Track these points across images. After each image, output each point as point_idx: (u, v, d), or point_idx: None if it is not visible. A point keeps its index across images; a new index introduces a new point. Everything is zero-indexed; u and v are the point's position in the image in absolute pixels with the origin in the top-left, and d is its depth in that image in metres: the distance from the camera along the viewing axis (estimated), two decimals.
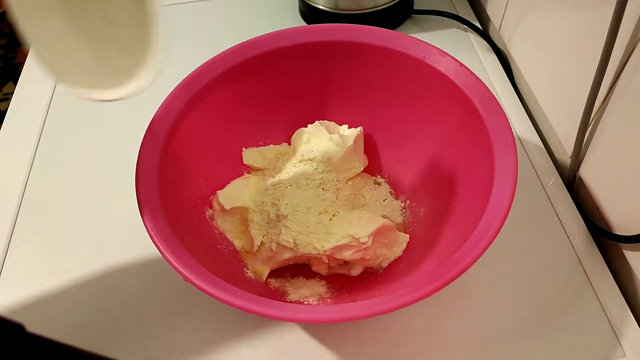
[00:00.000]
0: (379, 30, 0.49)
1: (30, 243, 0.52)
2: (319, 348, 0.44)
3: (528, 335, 0.44)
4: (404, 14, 0.70)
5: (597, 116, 0.47)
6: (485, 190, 0.40)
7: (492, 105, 0.43)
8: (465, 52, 0.66)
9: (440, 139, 0.49)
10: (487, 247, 0.36)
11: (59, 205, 0.54)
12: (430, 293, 0.35)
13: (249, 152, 0.53)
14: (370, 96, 0.52)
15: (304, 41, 0.49)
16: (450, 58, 0.46)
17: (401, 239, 0.47)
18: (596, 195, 0.49)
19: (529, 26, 0.58)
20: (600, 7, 0.44)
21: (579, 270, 0.47)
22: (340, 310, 0.36)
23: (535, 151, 0.56)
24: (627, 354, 0.43)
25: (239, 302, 0.35)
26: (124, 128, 0.60)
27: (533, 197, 0.52)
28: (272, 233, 0.45)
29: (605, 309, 0.45)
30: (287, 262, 0.46)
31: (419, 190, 0.50)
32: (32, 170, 0.57)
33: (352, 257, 0.44)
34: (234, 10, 0.74)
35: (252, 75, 0.50)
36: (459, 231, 0.42)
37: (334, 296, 0.46)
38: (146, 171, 0.42)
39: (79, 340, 0.45)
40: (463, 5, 0.72)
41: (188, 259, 0.37)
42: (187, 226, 0.44)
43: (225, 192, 0.48)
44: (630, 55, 0.42)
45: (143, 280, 0.48)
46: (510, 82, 0.63)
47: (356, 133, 0.50)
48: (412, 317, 0.45)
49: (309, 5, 0.69)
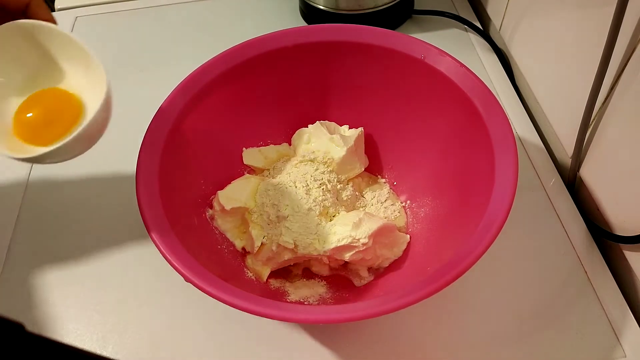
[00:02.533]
0: (380, 31, 0.49)
1: (31, 242, 0.52)
2: (319, 348, 0.44)
3: (528, 336, 0.44)
4: (404, 14, 0.70)
5: (598, 116, 0.47)
6: (486, 190, 0.40)
7: (492, 106, 0.43)
8: (466, 52, 0.66)
9: (440, 139, 0.49)
10: (487, 247, 0.36)
11: (59, 205, 0.54)
12: (430, 294, 0.35)
13: (250, 152, 0.52)
14: (371, 96, 0.52)
15: (304, 41, 0.49)
16: (451, 58, 0.46)
17: (401, 239, 0.47)
18: (597, 195, 0.49)
19: (529, 26, 0.58)
20: (601, 8, 0.44)
21: (579, 271, 0.47)
22: (340, 310, 0.36)
23: (535, 151, 0.56)
24: (627, 354, 0.43)
25: (239, 302, 0.35)
26: (124, 128, 0.60)
27: (533, 197, 0.52)
28: (272, 234, 0.45)
29: (605, 310, 0.45)
30: (287, 262, 0.46)
31: (419, 191, 0.50)
32: (32, 169, 0.57)
33: (353, 258, 0.44)
34: (234, 10, 0.74)
35: (253, 75, 0.50)
36: (459, 231, 0.42)
37: (334, 297, 0.46)
38: (146, 171, 0.42)
39: (79, 340, 0.45)
40: (463, 5, 0.72)
41: (188, 259, 0.37)
42: (187, 226, 0.44)
43: (225, 192, 0.48)
44: (630, 56, 0.41)
45: (143, 280, 0.48)
46: (511, 82, 0.63)
47: (357, 133, 0.50)
48: (412, 317, 0.45)
49: (309, 5, 0.69)
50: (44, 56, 0.37)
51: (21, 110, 0.37)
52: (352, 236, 0.43)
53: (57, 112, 0.36)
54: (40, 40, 0.37)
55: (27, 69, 0.38)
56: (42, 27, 0.36)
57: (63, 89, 0.37)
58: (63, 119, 0.36)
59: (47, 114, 0.36)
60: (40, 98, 0.37)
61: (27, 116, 0.36)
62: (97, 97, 0.36)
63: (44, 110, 0.37)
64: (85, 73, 0.37)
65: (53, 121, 0.36)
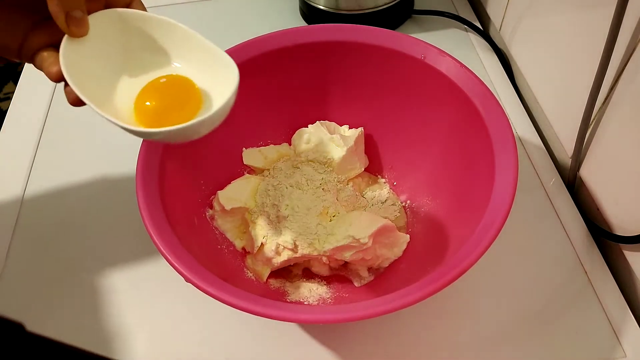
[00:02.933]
0: (380, 31, 0.49)
1: (31, 242, 0.52)
2: (319, 348, 0.44)
3: (528, 336, 0.44)
4: (404, 14, 0.70)
5: (598, 116, 0.47)
6: (486, 190, 0.40)
7: (492, 106, 0.43)
8: (466, 52, 0.66)
9: (440, 139, 0.49)
10: (487, 247, 0.36)
11: (59, 204, 0.54)
12: (430, 293, 0.35)
13: (250, 152, 0.52)
14: (371, 96, 0.52)
15: (304, 41, 0.49)
16: (451, 58, 0.46)
17: (401, 239, 0.47)
18: (596, 195, 0.49)
19: (529, 26, 0.58)
20: (601, 8, 0.44)
21: (579, 271, 0.47)
22: (340, 310, 0.36)
23: (535, 151, 0.56)
24: (627, 354, 0.43)
25: (239, 302, 0.35)
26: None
27: (533, 197, 0.52)
28: (272, 234, 0.45)
29: (605, 309, 0.45)
30: (287, 262, 0.46)
31: (419, 191, 0.50)
32: (32, 169, 0.57)
33: (353, 258, 0.44)
34: (234, 10, 0.74)
35: (253, 76, 0.50)
36: (459, 231, 0.42)
37: (334, 297, 0.46)
38: (147, 171, 0.42)
39: (79, 340, 0.45)
40: (463, 5, 0.72)
41: (188, 259, 0.37)
42: (188, 226, 0.44)
43: (225, 192, 0.48)
44: (630, 56, 0.41)
45: (143, 280, 0.48)
46: (511, 82, 0.63)
47: (357, 133, 0.50)
48: (412, 317, 0.45)
49: (309, 5, 0.69)
50: (145, 43, 0.37)
51: (142, 98, 0.36)
52: (352, 236, 0.43)
53: (180, 100, 0.36)
54: (141, 28, 0.37)
55: (129, 54, 0.37)
56: (144, 16, 0.36)
57: (182, 76, 0.37)
58: (186, 107, 0.35)
59: (170, 101, 0.36)
60: (161, 86, 0.37)
61: (147, 104, 0.36)
62: (211, 82, 0.36)
63: (167, 97, 0.36)
64: (196, 60, 0.37)
65: (177, 108, 0.36)
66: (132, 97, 0.37)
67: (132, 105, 0.36)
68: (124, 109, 0.36)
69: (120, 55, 0.37)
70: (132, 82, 0.37)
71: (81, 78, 0.34)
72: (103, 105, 0.35)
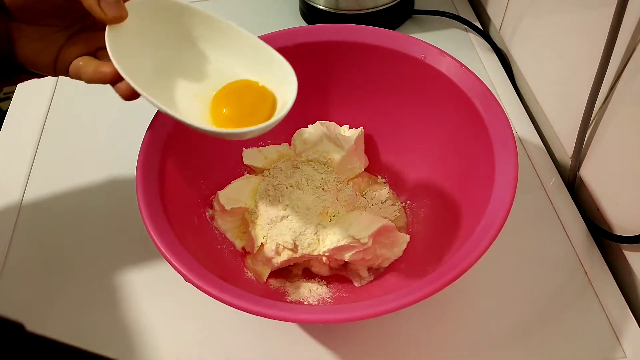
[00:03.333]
0: (380, 31, 0.49)
1: (31, 242, 0.52)
2: (319, 348, 0.44)
3: (528, 336, 0.44)
4: (404, 14, 0.70)
5: (598, 116, 0.47)
6: (486, 190, 0.40)
7: (492, 106, 0.43)
8: (466, 52, 0.66)
9: (440, 139, 0.49)
10: (487, 247, 0.36)
11: (59, 204, 0.54)
12: (430, 294, 0.35)
13: (250, 152, 0.52)
14: (371, 96, 0.52)
15: (304, 41, 0.49)
16: (451, 58, 0.46)
17: (401, 239, 0.47)
18: (596, 195, 0.49)
19: (529, 26, 0.58)
20: (601, 8, 0.44)
21: (579, 271, 0.47)
22: (340, 310, 0.36)
23: (535, 151, 0.56)
24: (627, 354, 0.43)
25: (239, 302, 0.35)
26: (124, 127, 0.60)
27: (533, 197, 0.52)
28: (272, 234, 0.45)
29: (605, 309, 0.45)
30: (287, 262, 0.46)
31: (419, 191, 0.50)
32: (32, 169, 0.57)
33: (353, 258, 0.44)
34: (234, 10, 0.74)
35: None
36: (459, 231, 0.42)
37: (334, 297, 0.46)
38: (147, 171, 0.42)
39: (79, 341, 0.45)
40: (464, 5, 0.72)
41: (188, 259, 0.37)
42: (188, 226, 0.44)
43: (225, 192, 0.48)
44: (630, 56, 0.41)
45: (143, 280, 0.48)
46: (511, 82, 0.63)
47: (357, 133, 0.50)
48: (412, 317, 0.45)
49: (309, 5, 0.69)
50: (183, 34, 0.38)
51: (217, 103, 0.38)
52: (352, 236, 0.43)
53: (255, 107, 0.37)
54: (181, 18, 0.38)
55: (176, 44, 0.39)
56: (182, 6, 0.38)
57: (253, 81, 0.38)
58: (261, 112, 0.37)
59: (246, 108, 0.37)
60: (237, 91, 0.38)
61: (224, 112, 0.37)
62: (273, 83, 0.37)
63: (245, 104, 0.38)
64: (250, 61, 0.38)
65: (251, 114, 0.37)
66: (189, 91, 0.38)
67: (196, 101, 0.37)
68: (185, 105, 0.37)
69: (164, 47, 0.38)
70: (184, 74, 0.38)
71: (133, 73, 0.35)
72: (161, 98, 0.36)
